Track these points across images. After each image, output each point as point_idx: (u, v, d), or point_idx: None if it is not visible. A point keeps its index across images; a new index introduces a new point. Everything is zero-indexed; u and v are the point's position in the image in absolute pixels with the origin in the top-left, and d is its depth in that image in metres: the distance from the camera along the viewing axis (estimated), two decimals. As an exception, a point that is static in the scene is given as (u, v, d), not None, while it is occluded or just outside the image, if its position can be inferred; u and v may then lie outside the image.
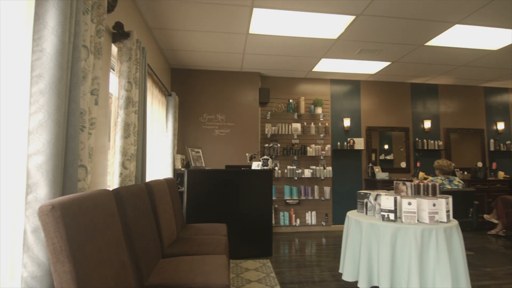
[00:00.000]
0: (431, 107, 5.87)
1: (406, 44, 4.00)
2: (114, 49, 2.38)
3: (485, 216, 5.04)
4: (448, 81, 5.75)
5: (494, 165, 5.79)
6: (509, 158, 6.05)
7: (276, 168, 5.11)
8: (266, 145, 5.03)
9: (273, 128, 5.14)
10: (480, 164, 5.79)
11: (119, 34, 2.25)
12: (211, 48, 4.14)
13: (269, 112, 5.21)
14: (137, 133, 2.44)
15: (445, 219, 2.02)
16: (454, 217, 2.27)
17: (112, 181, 2.21)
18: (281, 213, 5.09)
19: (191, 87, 4.93)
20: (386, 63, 4.73)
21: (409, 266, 1.88)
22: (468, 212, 3.71)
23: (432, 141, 5.72)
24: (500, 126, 6.01)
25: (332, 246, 4.21)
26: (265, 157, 3.74)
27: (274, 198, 5.01)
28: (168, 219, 2.50)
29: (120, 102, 2.23)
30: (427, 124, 5.75)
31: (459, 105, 5.98)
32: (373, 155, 5.62)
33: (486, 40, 3.86)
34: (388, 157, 5.71)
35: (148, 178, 3.11)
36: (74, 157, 1.42)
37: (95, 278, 1.09)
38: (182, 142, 4.70)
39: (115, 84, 2.31)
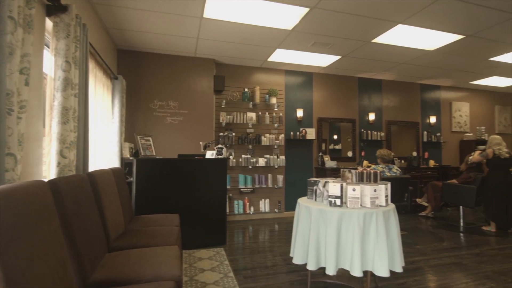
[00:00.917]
0: (375, 101, 6.33)
1: (355, 40, 4.22)
2: (49, 23, 2.12)
3: (417, 200, 5.65)
4: (391, 77, 6.23)
5: (426, 155, 6.49)
6: (438, 149, 6.83)
7: (231, 157, 5.11)
8: (221, 133, 4.98)
9: (228, 116, 5.10)
10: (414, 154, 6.45)
11: (54, 7, 2.01)
12: (163, 30, 3.92)
13: (224, 101, 5.14)
14: (77, 119, 2.23)
15: (384, 203, 2.21)
16: (392, 201, 2.50)
17: (49, 172, 2.00)
18: (236, 202, 5.13)
19: (140, 71, 4.63)
20: (337, 57, 4.95)
21: (353, 247, 2.03)
22: (403, 196, 4.13)
23: (375, 132, 6.19)
24: (432, 119, 6.72)
25: (284, 232, 4.38)
26: (220, 146, 3.71)
27: (228, 187, 5.01)
28: (114, 211, 2.35)
29: (57, 83, 2.01)
30: (372, 116, 6.19)
31: (399, 100, 6.54)
32: (323, 145, 5.91)
33: (423, 40, 4.24)
34: (336, 147, 6.06)
35: (92, 168, 2.89)
36: (0, 145, 1.25)
37: (28, 278, 0.99)
38: (130, 130, 4.43)
39: (51, 64, 2.07)
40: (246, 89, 5.26)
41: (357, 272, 1.98)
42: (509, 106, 7.55)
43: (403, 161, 6.27)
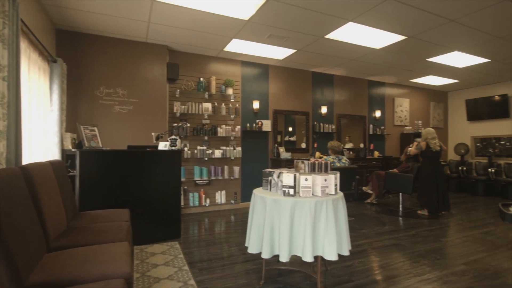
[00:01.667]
0: (327, 95, 6.62)
1: (309, 35, 4.33)
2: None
3: (363, 188, 6.09)
4: (342, 72, 6.56)
5: (371, 146, 6.99)
6: (382, 141, 7.41)
7: (186, 148, 4.97)
8: (175, 124, 4.80)
9: (183, 107, 4.93)
10: (362, 145, 6.92)
11: (-27, -27, 1.72)
12: (110, 11, 3.61)
13: (178, 90, 4.95)
14: (7, 105, 1.97)
15: (333, 192, 2.33)
16: (341, 189, 2.65)
17: (-30, 165, 1.74)
18: (191, 194, 5.03)
19: (84, 55, 4.24)
20: (292, 51, 5.05)
21: (305, 234, 2.12)
22: (351, 185, 4.41)
23: (327, 125, 6.49)
24: (378, 114, 7.25)
25: (240, 223, 4.42)
26: (174, 137, 3.57)
27: (183, 179, 4.88)
28: (54, 208, 2.15)
29: (-21, 64, 1.74)
30: (324, 109, 6.48)
31: (349, 94, 6.92)
32: (279, 137, 6.04)
33: (371, 39, 4.51)
34: (291, 139, 6.24)
35: (27, 161, 2.59)
36: None
37: None
38: (72, 119, 4.05)
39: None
40: (201, 79, 5.13)
41: (308, 258, 2.07)
42: (442, 103, 8.44)
43: (351, 152, 6.69)
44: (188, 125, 4.94)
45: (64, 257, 1.70)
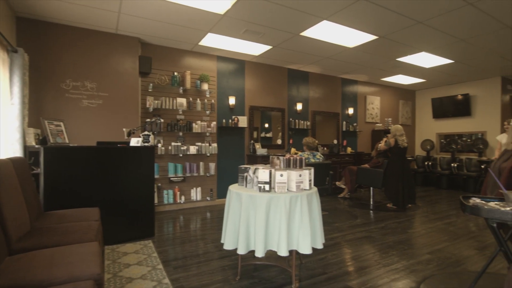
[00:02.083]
0: (302, 92, 6.71)
1: (285, 32, 4.36)
2: None
3: (337, 183, 6.27)
4: (316, 70, 6.67)
5: (344, 142, 7.20)
6: (355, 137, 7.65)
7: (159, 144, 4.84)
8: (148, 119, 4.64)
9: (156, 101, 4.79)
10: (335, 142, 7.10)
11: None
12: None
13: (151, 84, 4.80)
14: (-41, 98, 1.80)
15: (308, 187, 2.38)
16: (315, 184, 2.71)
17: None
18: (165, 191, 4.91)
19: (48, 45, 3.98)
20: (268, 47, 5.06)
21: (280, 229, 2.14)
22: (325, 180, 4.52)
23: (302, 121, 6.59)
24: (351, 111, 7.46)
25: (216, 219, 4.39)
26: (146, 132, 3.46)
27: (157, 176, 4.76)
28: (16, 208, 2.01)
29: None
30: (299, 106, 6.57)
31: (323, 92, 7.06)
32: (255, 133, 6.06)
33: (344, 38, 4.62)
34: (268, 135, 6.28)
35: (-17, 158, 2.39)
36: None
37: None
38: (36, 113, 3.80)
39: None
40: (175, 73, 5.00)
41: (283, 252, 2.10)
42: (410, 101, 8.86)
43: (325, 148, 6.85)
44: (162, 120, 4.81)
45: (28, 260, 1.60)
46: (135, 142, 3.43)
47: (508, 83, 7.27)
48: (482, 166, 6.71)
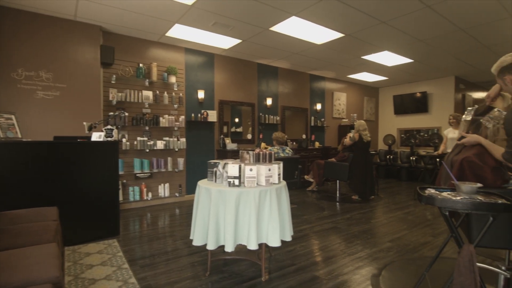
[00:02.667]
0: (272, 87, 6.75)
1: (254, 26, 4.34)
2: None
3: (305, 176, 6.42)
4: (286, 65, 6.74)
5: (313, 137, 7.39)
6: (322, 132, 7.87)
7: (124, 139, 4.63)
8: (111, 113, 4.41)
9: (120, 94, 4.56)
10: (304, 136, 7.26)
11: None
12: (28, -18, 3.13)
13: (114, 76, 4.55)
14: None
15: (277, 181, 2.40)
16: (284, 178, 2.75)
17: None
18: (131, 188, 4.72)
19: (-5, 30, 3.62)
20: (238, 41, 5.01)
21: (249, 223, 2.15)
22: (294, 174, 4.61)
23: (272, 116, 6.64)
24: (318, 106, 7.66)
25: (186, 216, 4.31)
26: (109, 127, 3.29)
27: (121, 172, 4.56)
28: (-42, 210, 1.82)
29: None
30: (269, 101, 6.61)
31: (292, 87, 7.16)
32: (225, 127, 6.00)
33: (313, 35, 4.70)
34: (238, 130, 6.25)
35: None
36: None
37: None
38: (-18, 105, 3.46)
39: None
40: (141, 65, 4.79)
41: (253, 246, 2.11)
42: (374, 98, 9.27)
43: (294, 143, 6.98)
44: (126, 114, 4.59)
45: (-27, 266, 1.45)
46: (97, 136, 3.25)
47: (461, 82, 7.87)
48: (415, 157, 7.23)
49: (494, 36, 4.69)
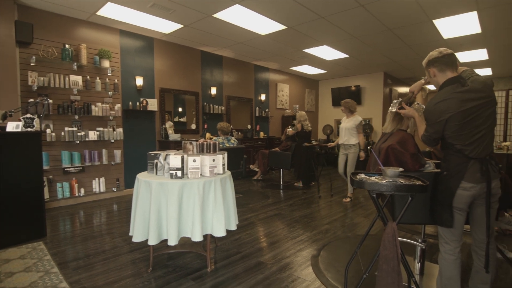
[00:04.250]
0: (216, 76, 6.64)
1: (197, 11, 4.17)
2: None
3: (251, 166, 6.53)
4: (230, 54, 6.66)
5: (258, 127, 7.50)
6: (267, 122, 8.04)
7: (48, 130, 4.11)
8: (31, 100, 3.85)
9: (42, 78, 4.01)
10: (249, 126, 7.33)
11: None
12: None
13: (34, 57, 3.97)
14: None
15: (221, 171, 2.39)
16: (230, 168, 2.74)
17: None
18: (59, 184, 4.24)
19: None
20: (179, 25, 4.77)
21: (193, 215, 2.11)
22: (239, 164, 4.64)
23: (217, 106, 6.55)
24: (263, 97, 7.78)
25: (125, 211, 4.04)
26: (29, 115, 2.88)
27: (47, 167, 4.06)
28: None
29: None
30: (214, 90, 6.49)
31: (237, 77, 7.13)
32: (167, 117, 5.73)
33: (257, 25, 4.71)
34: (182, 119, 6.02)
35: None
36: None
37: None
38: None
39: None
40: (67, 46, 4.25)
41: (198, 237, 2.08)
42: (314, 90, 9.76)
43: (240, 133, 7.01)
44: (50, 101, 4.06)
45: None
46: (13, 127, 2.82)
47: (388, 77, 8.73)
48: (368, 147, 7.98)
49: (416, 37, 5.27)
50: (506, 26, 4.68)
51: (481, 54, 6.31)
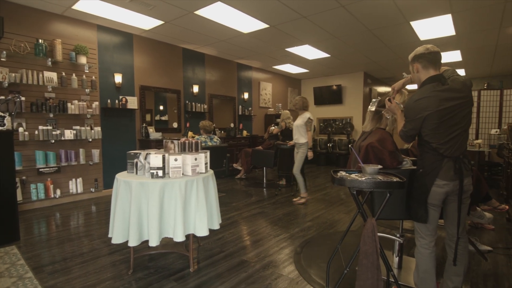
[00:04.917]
0: (199, 74, 6.56)
1: (178, 7, 4.10)
2: None
3: (234, 164, 6.51)
4: (213, 52, 6.60)
5: (241, 126, 7.48)
6: (250, 121, 8.03)
7: (21, 129, 3.91)
8: (2, 97, 3.65)
9: (13, 74, 3.80)
10: (232, 125, 7.30)
11: None
12: None
13: (4, 52, 3.76)
14: None
15: (203, 170, 2.36)
16: (212, 167, 2.72)
17: None
18: (33, 186, 4.06)
19: None
20: (160, 22, 4.67)
21: (175, 215, 2.07)
22: (222, 162, 4.62)
23: (199, 104, 6.48)
24: (246, 95, 7.77)
25: (104, 212, 3.93)
26: (0, 113, 2.73)
27: (19, 167, 3.87)
28: None
29: None
30: (196, 88, 6.41)
31: (220, 75, 7.08)
32: (149, 115, 5.61)
33: (239, 23, 4.69)
34: (163, 118, 5.91)
35: None
36: None
37: None
38: None
39: None
40: (40, 41, 4.06)
41: (180, 237, 2.05)
42: (297, 88, 9.85)
43: (223, 132, 6.97)
44: (23, 98, 3.87)
45: None
46: (-19, 125, 2.67)
47: (368, 77, 8.94)
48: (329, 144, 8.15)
49: (395, 38, 5.42)
50: (478, 29, 4.90)
51: (455, 56, 6.58)
